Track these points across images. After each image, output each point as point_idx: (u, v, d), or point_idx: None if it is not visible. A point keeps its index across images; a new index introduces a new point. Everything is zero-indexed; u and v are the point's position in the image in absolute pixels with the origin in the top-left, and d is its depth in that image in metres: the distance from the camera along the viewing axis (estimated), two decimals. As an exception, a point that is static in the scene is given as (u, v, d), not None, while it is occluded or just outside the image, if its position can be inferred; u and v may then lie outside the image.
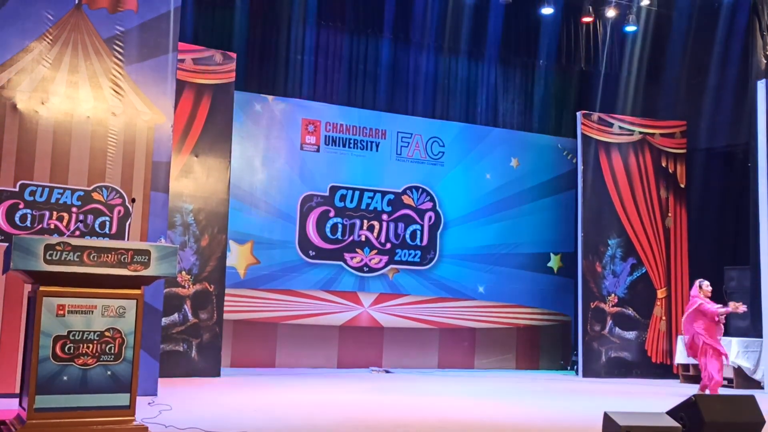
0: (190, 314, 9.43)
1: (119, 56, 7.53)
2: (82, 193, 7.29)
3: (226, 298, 9.84)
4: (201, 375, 9.22)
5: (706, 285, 8.99)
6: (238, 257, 10.70)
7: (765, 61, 10.81)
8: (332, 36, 11.72)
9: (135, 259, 5.08)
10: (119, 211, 7.40)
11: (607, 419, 5.10)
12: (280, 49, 11.37)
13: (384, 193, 11.66)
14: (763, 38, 10.85)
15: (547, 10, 11.88)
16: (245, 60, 10.81)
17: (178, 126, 9.03)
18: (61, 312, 4.96)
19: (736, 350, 10.01)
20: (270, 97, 11.12)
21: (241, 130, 10.66)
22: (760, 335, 9.93)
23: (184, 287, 9.41)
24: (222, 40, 10.56)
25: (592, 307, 11.41)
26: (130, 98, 7.56)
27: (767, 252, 9.80)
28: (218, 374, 9.37)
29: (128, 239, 7.25)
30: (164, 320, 8.59)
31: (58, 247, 4.89)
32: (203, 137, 9.64)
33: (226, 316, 9.92)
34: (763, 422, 5.46)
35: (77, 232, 7.12)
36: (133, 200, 7.31)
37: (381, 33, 11.91)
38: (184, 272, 9.38)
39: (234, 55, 9.98)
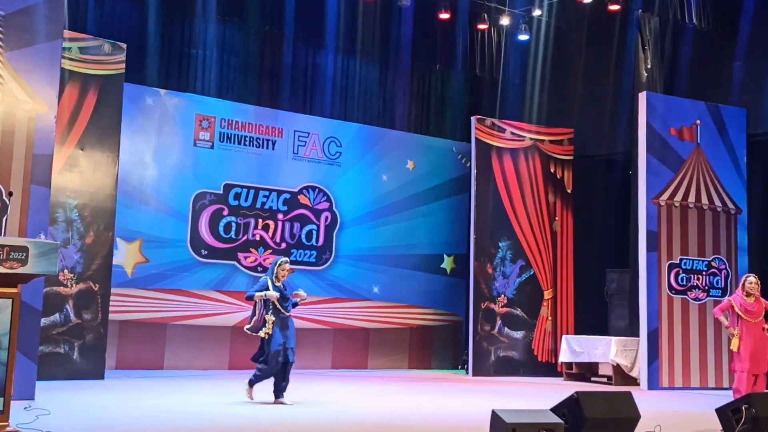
0: (72, 314, 9.02)
1: (-2, 41, 7.10)
2: (-47, 185, 6.83)
3: (112, 297, 9.48)
4: (83, 378, 8.84)
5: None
6: (125, 255, 10.32)
7: (646, 74, 11.41)
8: (230, 31, 11.52)
9: (11, 256, 4.81)
10: (-5, 205, 6.98)
11: (495, 417, 5.22)
12: (174, 42, 11.07)
13: (280, 192, 11.54)
14: (644, 53, 11.45)
15: (444, 16, 12.10)
16: (137, 51, 10.42)
17: (62, 117, 8.61)
18: (-73, 312, 4.63)
19: (615, 349, 10.50)
20: (162, 91, 10.78)
21: (131, 124, 10.27)
22: (637, 335, 10.45)
23: (66, 286, 8.99)
24: (112, 30, 10.15)
25: (483, 307, 11.69)
26: (9, 86, 7.14)
27: (645, 256, 10.34)
28: (102, 377, 9.02)
29: (5, 235, 6.85)
30: (44, 320, 8.18)
31: (-76, 242, 4.57)
32: (90, 130, 9.23)
33: (111, 316, 9.54)
34: (638, 417, 5.74)
35: (-52, 227, 6.67)
36: (11, 194, 6.92)
37: (281, 31, 11.78)
38: (66, 270, 8.96)
39: (124, 46, 9.59)
